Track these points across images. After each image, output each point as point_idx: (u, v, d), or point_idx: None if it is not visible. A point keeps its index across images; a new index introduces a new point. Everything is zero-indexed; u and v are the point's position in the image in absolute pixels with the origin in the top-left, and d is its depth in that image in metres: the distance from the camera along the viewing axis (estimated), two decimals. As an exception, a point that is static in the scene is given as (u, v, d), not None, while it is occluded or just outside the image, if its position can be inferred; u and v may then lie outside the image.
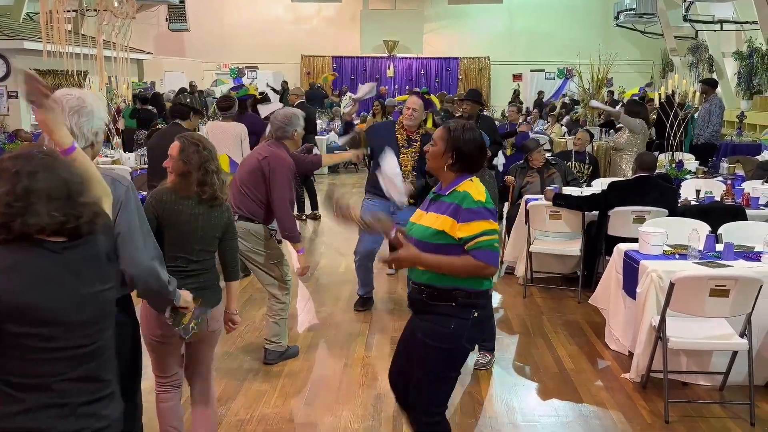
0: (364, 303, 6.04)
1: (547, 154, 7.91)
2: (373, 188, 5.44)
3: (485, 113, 10.76)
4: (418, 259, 2.87)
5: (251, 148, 6.76)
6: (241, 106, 8.23)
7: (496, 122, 10.10)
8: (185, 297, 2.88)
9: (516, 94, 20.95)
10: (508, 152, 8.80)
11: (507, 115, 9.85)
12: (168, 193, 3.21)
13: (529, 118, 16.63)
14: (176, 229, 3.18)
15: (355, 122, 7.95)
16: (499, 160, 8.66)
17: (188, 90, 15.70)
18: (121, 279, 2.46)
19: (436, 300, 2.91)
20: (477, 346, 4.79)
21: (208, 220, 3.23)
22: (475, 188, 2.90)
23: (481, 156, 3.01)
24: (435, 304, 2.92)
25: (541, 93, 20.32)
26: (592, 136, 8.88)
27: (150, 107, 11.66)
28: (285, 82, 19.56)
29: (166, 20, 19.72)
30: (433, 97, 5.85)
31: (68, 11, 11.49)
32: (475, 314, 2.92)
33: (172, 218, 3.17)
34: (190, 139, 3.27)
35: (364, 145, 5.71)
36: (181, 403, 3.37)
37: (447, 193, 2.94)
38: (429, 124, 5.89)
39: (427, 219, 2.95)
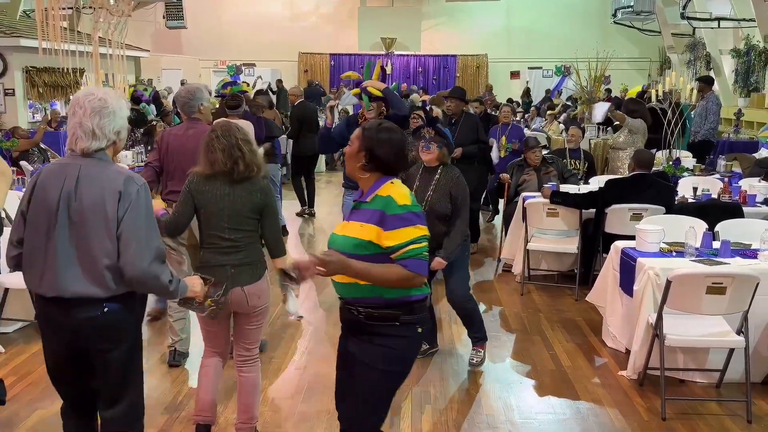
0: None
1: (544, 152, 7.90)
2: (350, 182, 5.52)
3: (489, 111, 10.77)
4: (347, 264, 2.61)
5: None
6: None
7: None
8: (192, 286, 3.01)
9: (527, 91, 20.75)
10: (502, 154, 8.63)
11: (500, 114, 9.68)
12: (198, 174, 3.51)
13: (527, 116, 16.65)
14: (206, 209, 3.48)
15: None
16: (494, 153, 8.54)
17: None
18: (120, 275, 2.66)
19: (377, 320, 2.70)
20: (470, 342, 4.88)
21: (237, 200, 3.45)
22: (396, 191, 2.69)
23: (399, 158, 2.77)
24: (376, 324, 2.71)
25: (548, 91, 20.32)
26: (583, 131, 8.88)
27: (141, 107, 11.73)
28: (279, 81, 19.51)
29: (164, 17, 19.68)
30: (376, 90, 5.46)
31: (65, 8, 11.45)
32: (419, 330, 2.77)
33: (202, 198, 3.48)
34: (216, 129, 3.54)
35: None
36: (218, 370, 3.66)
37: (368, 200, 2.72)
38: (375, 77, 5.68)
39: (350, 229, 2.74)
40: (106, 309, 2.67)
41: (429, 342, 4.91)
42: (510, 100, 19.13)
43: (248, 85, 14.85)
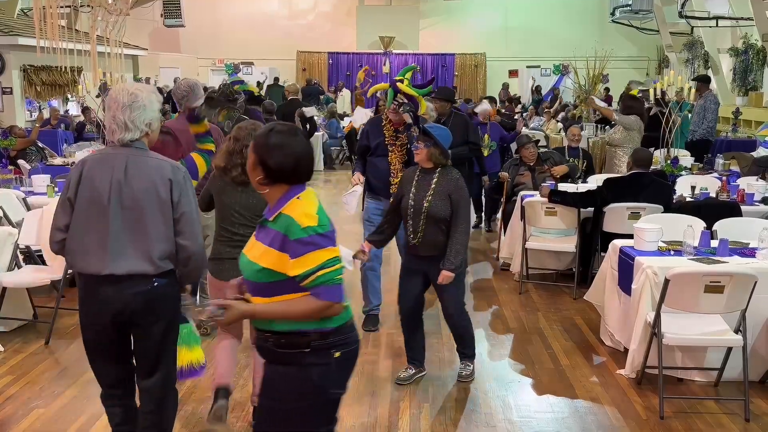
0: (374, 322, 5.49)
1: (543, 150, 7.91)
2: (371, 189, 5.35)
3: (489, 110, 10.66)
4: (250, 313, 2.46)
5: None
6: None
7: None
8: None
9: (537, 88, 20.38)
10: (485, 153, 8.39)
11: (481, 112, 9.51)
12: (217, 166, 3.75)
13: (525, 114, 16.65)
14: (220, 202, 3.79)
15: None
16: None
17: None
18: (167, 254, 2.96)
19: (286, 348, 2.44)
20: (458, 356, 4.63)
21: (246, 200, 3.70)
22: (301, 210, 2.39)
23: (299, 165, 2.43)
24: (285, 352, 2.45)
25: (538, 87, 20.26)
26: (582, 130, 8.90)
27: None
28: (276, 79, 19.33)
29: (161, 16, 19.66)
30: (410, 89, 5.06)
31: (63, 7, 11.43)
32: (336, 354, 2.46)
33: (217, 191, 3.78)
34: (240, 129, 3.75)
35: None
36: (234, 346, 3.92)
37: (272, 218, 2.45)
38: (423, 108, 5.23)
39: (254, 251, 2.47)
40: (155, 284, 2.96)
41: (415, 364, 4.57)
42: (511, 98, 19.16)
43: (259, 84, 14.85)
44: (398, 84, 5.01)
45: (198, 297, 3.53)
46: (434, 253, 4.27)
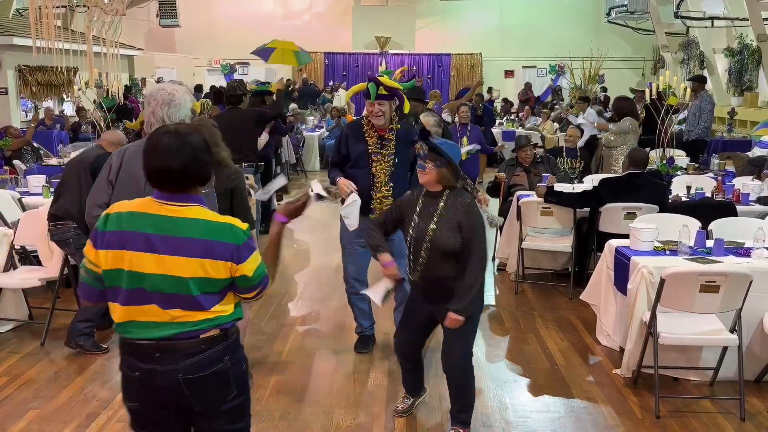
0: (367, 343, 5.01)
1: (539, 150, 7.91)
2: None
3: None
4: None
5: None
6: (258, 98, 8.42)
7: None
8: None
9: (557, 90, 20.07)
10: (463, 157, 8.00)
11: (459, 114, 9.24)
12: None
13: (521, 114, 16.67)
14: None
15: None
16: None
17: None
18: None
19: None
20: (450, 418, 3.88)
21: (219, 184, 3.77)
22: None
23: (150, 164, 2.37)
24: None
25: (527, 84, 20.18)
26: (581, 131, 8.90)
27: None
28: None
29: (157, 16, 19.63)
30: (393, 82, 4.46)
31: (58, 7, 11.41)
32: (128, 372, 2.44)
33: None
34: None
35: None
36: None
37: None
38: (406, 108, 4.60)
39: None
40: None
41: (414, 392, 4.11)
42: (506, 100, 19.19)
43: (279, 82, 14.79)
44: (381, 78, 4.39)
45: None
46: (439, 294, 3.61)
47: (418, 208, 3.60)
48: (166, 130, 2.41)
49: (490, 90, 19.97)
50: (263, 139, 7.97)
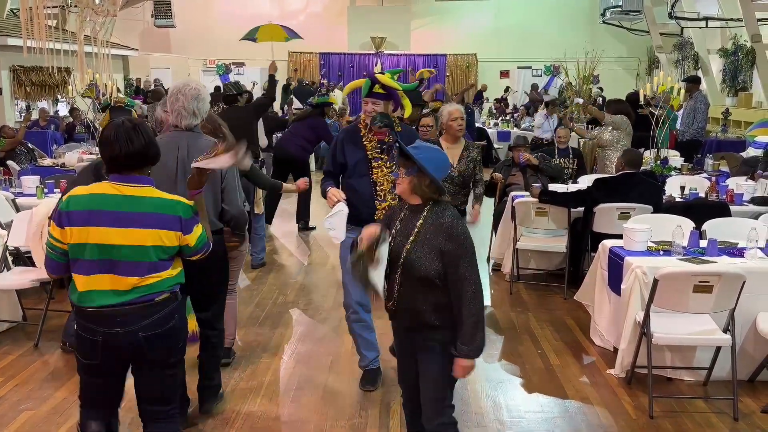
0: (374, 378, 4.44)
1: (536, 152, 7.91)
2: (350, 219, 4.00)
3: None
4: None
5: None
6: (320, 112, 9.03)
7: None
8: None
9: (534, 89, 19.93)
10: None
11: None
12: None
13: (516, 114, 16.68)
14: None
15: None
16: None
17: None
18: (217, 215, 3.71)
19: None
20: None
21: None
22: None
23: (106, 159, 2.82)
24: None
25: (534, 85, 20.13)
26: (571, 130, 8.94)
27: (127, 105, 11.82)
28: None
29: (152, 16, 19.59)
30: (391, 81, 4.10)
31: (51, 7, 11.38)
32: (75, 326, 2.90)
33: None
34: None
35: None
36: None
37: None
38: (408, 111, 4.30)
39: None
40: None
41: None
42: (498, 100, 19.18)
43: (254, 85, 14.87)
44: (378, 75, 4.06)
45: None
46: (413, 324, 2.98)
47: (398, 223, 3.01)
48: (122, 122, 2.85)
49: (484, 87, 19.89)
50: (262, 138, 8.20)
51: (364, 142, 4.14)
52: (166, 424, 3.01)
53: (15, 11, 15.25)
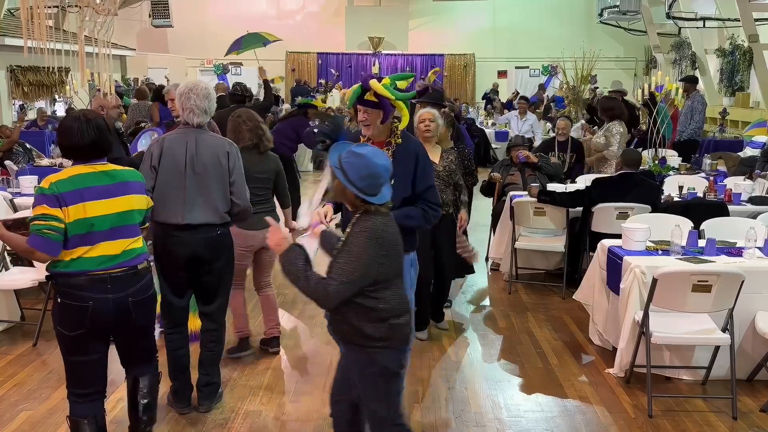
0: None
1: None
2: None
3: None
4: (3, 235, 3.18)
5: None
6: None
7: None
8: None
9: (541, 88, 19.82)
10: None
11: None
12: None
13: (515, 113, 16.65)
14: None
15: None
16: None
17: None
18: (226, 209, 3.88)
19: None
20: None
21: (253, 167, 4.43)
22: (48, 178, 3.07)
23: (63, 148, 3.14)
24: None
25: (541, 86, 20.13)
26: (571, 121, 8.93)
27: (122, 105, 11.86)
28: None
29: (150, 16, 19.57)
30: (384, 90, 3.60)
31: (50, 7, 11.37)
32: (59, 299, 3.07)
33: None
34: (236, 115, 4.75)
35: None
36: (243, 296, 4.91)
37: None
38: (405, 121, 3.78)
39: None
40: (218, 231, 3.89)
41: None
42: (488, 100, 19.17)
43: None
44: (371, 82, 3.57)
45: None
46: (342, 340, 2.88)
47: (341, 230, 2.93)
48: (77, 116, 3.12)
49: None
50: None
51: None
52: (149, 366, 3.44)
53: (12, 11, 15.22)
